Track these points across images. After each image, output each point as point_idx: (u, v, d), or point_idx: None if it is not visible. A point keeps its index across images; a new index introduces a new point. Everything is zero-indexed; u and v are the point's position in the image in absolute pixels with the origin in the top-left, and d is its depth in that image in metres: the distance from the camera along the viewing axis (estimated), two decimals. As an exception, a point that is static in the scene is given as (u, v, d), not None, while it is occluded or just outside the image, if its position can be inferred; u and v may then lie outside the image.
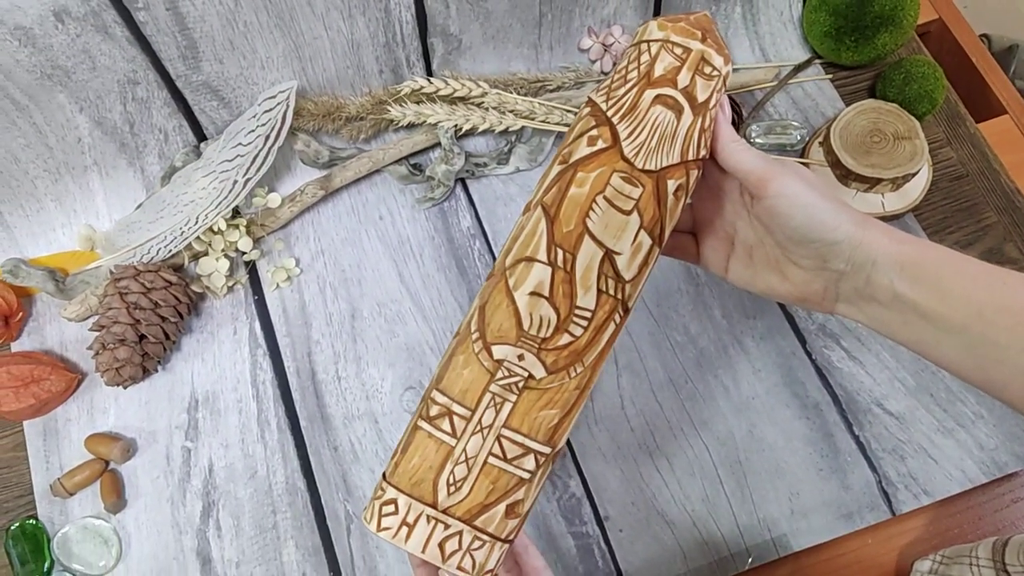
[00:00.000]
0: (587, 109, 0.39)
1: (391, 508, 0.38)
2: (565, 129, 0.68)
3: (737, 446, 0.60)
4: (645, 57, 0.38)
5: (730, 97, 0.61)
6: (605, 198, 0.37)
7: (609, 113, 0.38)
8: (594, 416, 0.61)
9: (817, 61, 0.74)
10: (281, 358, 0.65)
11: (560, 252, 0.38)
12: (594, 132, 0.38)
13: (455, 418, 0.38)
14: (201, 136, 0.68)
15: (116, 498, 0.59)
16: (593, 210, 0.37)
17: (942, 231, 0.67)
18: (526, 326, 0.38)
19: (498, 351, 0.38)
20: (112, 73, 0.60)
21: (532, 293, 0.38)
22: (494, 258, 0.67)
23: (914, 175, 0.64)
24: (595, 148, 0.38)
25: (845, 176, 0.65)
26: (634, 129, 0.38)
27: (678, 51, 0.38)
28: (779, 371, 0.62)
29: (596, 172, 0.38)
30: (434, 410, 0.38)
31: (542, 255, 0.38)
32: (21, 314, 0.65)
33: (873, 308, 0.38)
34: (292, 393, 0.64)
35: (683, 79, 0.38)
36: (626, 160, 0.38)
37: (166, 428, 0.63)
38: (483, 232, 0.69)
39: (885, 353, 0.62)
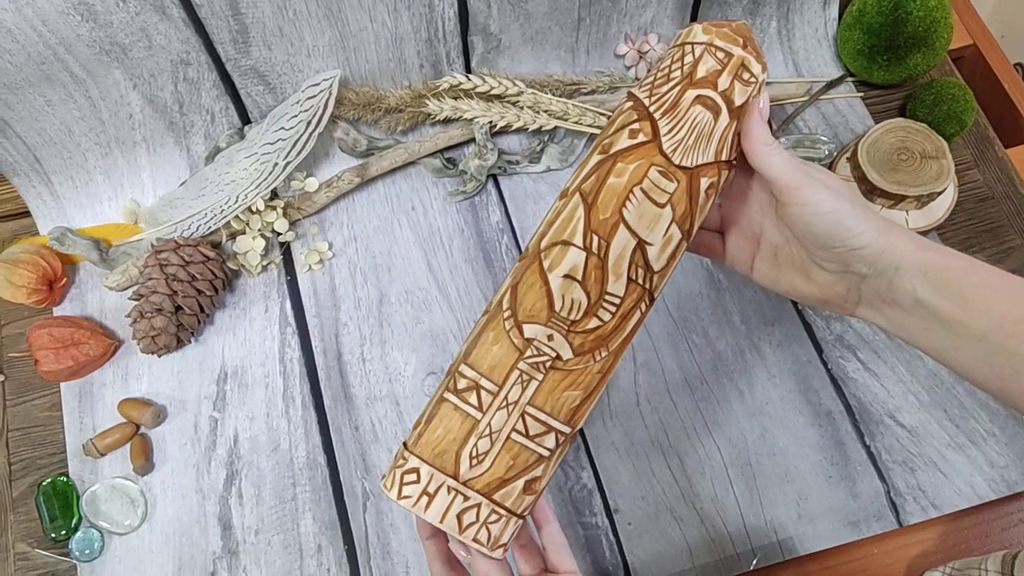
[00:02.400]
0: (629, 103, 0.41)
1: (413, 477, 0.39)
2: (597, 131, 0.70)
3: (748, 449, 0.61)
4: (689, 58, 0.40)
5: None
6: (642, 190, 0.39)
7: (651, 108, 0.39)
8: (610, 411, 0.63)
9: (849, 79, 0.75)
10: (309, 337, 0.67)
11: (596, 238, 0.39)
12: (636, 126, 0.40)
13: (482, 392, 0.39)
14: (246, 119, 0.71)
15: (144, 461, 0.61)
16: (630, 200, 0.39)
17: (965, 251, 0.66)
18: (558, 307, 0.39)
19: (529, 330, 0.39)
20: (166, 53, 0.63)
21: (566, 276, 0.39)
22: (521, 253, 0.68)
23: (939, 194, 0.65)
24: (636, 141, 0.39)
25: (871, 191, 0.66)
26: (674, 126, 0.39)
27: (720, 55, 0.39)
28: (794, 378, 0.63)
29: (635, 164, 0.39)
30: (462, 384, 0.39)
31: (578, 240, 0.39)
32: (65, 280, 0.67)
33: (894, 312, 0.39)
34: (318, 372, 0.65)
35: (723, 82, 0.39)
36: (664, 155, 0.39)
37: (196, 397, 0.65)
38: (511, 227, 0.71)
39: (901, 367, 0.63)
